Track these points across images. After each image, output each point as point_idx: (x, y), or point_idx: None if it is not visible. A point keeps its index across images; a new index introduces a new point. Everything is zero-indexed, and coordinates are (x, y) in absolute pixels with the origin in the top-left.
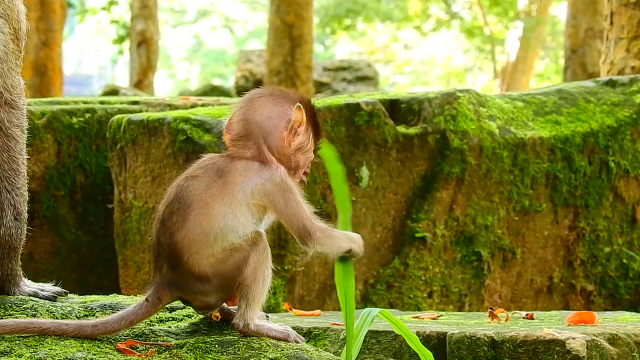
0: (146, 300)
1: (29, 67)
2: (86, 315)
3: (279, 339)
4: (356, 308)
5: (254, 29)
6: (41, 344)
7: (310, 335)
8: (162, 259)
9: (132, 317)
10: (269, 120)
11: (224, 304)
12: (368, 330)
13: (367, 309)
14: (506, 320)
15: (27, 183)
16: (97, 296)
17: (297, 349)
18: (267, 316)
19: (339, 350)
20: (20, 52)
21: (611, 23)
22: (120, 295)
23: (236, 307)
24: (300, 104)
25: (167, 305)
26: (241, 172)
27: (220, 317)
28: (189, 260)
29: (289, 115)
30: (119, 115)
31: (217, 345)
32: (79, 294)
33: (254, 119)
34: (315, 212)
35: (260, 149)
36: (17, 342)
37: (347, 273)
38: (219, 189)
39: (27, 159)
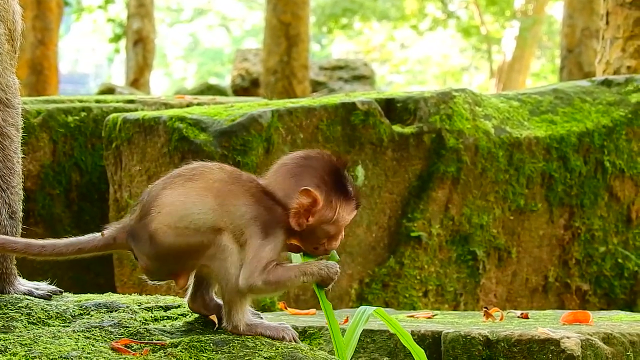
0: (102, 234)
1: (25, 65)
2: (81, 314)
3: (273, 337)
4: (351, 307)
5: (250, 27)
6: (36, 342)
7: (305, 334)
8: (141, 204)
9: (81, 245)
10: (289, 199)
11: (218, 301)
12: (363, 329)
13: (361, 307)
14: (501, 319)
15: (23, 182)
16: (92, 295)
17: (292, 347)
18: (260, 316)
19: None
20: (15, 53)
21: (607, 23)
22: (115, 294)
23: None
24: (308, 187)
25: (161, 305)
26: (249, 195)
27: (217, 318)
28: (154, 216)
29: (297, 199)
30: (114, 114)
31: (211, 344)
32: (74, 293)
33: (281, 179)
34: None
35: (277, 201)
36: (12, 340)
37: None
38: (224, 189)
39: (23, 157)
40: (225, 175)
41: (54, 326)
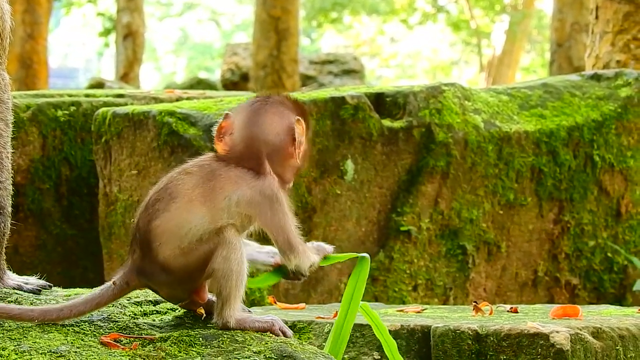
0: (113, 283)
1: (15, 59)
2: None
3: (264, 330)
4: (340, 302)
5: (240, 22)
6: (25, 337)
7: (294, 328)
8: (136, 243)
9: (98, 299)
10: (276, 137)
11: (209, 297)
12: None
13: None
14: (490, 313)
15: (12, 176)
16: (81, 289)
17: (281, 342)
18: (249, 311)
19: (324, 344)
20: (5, 51)
21: (596, 17)
22: None
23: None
24: (300, 117)
25: (151, 299)
26: (232, 181)
27: (205, 313)
28: (157, 248)
29: (294, 130)
30: (104, 109)
31: (201, 339)
32: (63, 287)
33: (258, 135)
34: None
35: (261, 162)
36: (1, 335)
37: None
38: (206, 190)
39: (12, 152)
40: (196, 178)
41: None
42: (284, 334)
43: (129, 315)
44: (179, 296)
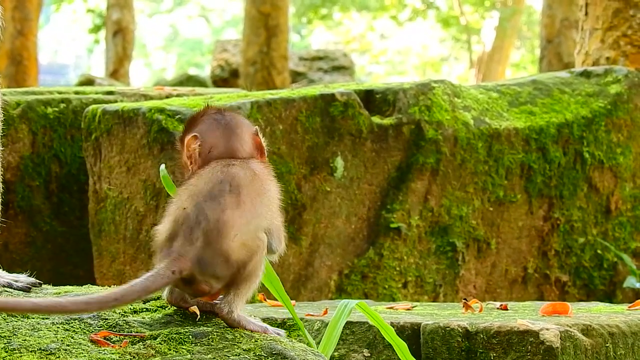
0: (164, 268)
1: (5, 56)
2: None
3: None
4: (330, 299)
5: (230, 18)
6: (15, 334)
7: (284, 326)
8: (200, 232)
9: (150, 284)
10: (248, 146)
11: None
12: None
13: (344, 300)
14: (480, 310)
15: (2, 173)
16: (71, 287)
17: (270, 340)
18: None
19: (313, 341)
20: None
21: (586, 14)
22: (94, 286)
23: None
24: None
25: None
26: (264, 171)
27: (198, 311)
28: (232, 240)
29: (259, 137)
30: (94, 106)
31: (191, 337)
32: (53, 285)
33: (237, 147)
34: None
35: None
36: None
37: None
38: (259, 181)
39: (2, 149)
40: (248, 172)
41: (33, 318)
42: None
43: (119, 313)
44: (214, 291)
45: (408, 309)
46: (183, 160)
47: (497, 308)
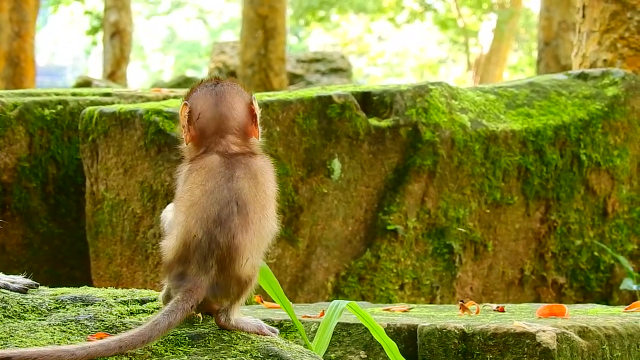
0: (182, 302)
1: (2, 58)
2: (57, 308)
3: (254, 332)
4: (327, 300)
5: (228, 20)
6: (12, 336)
7: (281, 327)
8: (214, 259)
9: (172, 321)
10: (242, 115)
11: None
12: (339, 323)
13: (335, 301)
14: (477, 312)
15: None
16: (68, 288)
17: (267, 341)
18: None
19: (310, 343)
20: None
21: (583, 16)
22: (91, 288)
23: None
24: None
25: (137, 298)
26: (265, 170)
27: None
28: (243, 264)
29: (253, 106)
30: (91, 107)
31: (187, 338)
32: (50, 286)
33: (228, 115)
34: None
35: (252, 143)
36: None
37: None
38: (262, 190)
39: None
40: (248, 181)
41: (30, 320)
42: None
43: (116, 315)
44: (223, 307)
45: (405, 311)
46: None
47: (494, 310)
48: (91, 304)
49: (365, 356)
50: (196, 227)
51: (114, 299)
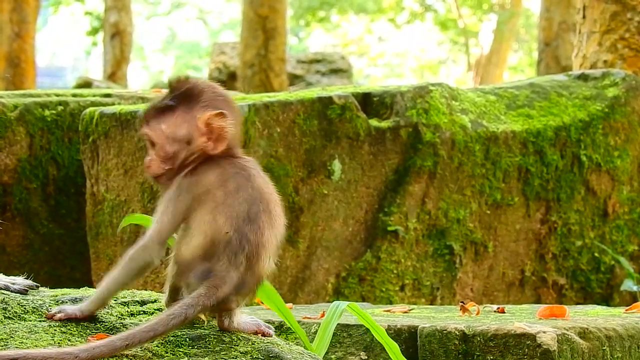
0: (206, 295)
1: (2, 58)
2: None
3: (254, 332)
4: (328, 301)
5: (228, 20)
6: (12, 337)
7: (281, 328)
8: (244, 256)
9: (188, 315)
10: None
11: None
12: (339, 324)
13: (335, 302)
14: (477, 314)
15: None
16: (68, 289)
17: (267, 342)
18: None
19: (310, 344)
20: None
21: (584, 17)
22: (91, 289)
23: None
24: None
25: (137, 299)
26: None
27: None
28: (266, 261)
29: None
30: (91, 108)
31: (188, 339)
32: (50, 287)
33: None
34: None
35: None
36: None
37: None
38: (273, 188)
39: None
40: (262, 179)
41: (31, 321)
42: (268, 334)
43: (116, 316)
44: (239, 306)
45: (405, 312)
46: (185, 137)
47: (495, 311)
48: None
49: (366, 357)
50: (226, 225)
51: (114, 300)
